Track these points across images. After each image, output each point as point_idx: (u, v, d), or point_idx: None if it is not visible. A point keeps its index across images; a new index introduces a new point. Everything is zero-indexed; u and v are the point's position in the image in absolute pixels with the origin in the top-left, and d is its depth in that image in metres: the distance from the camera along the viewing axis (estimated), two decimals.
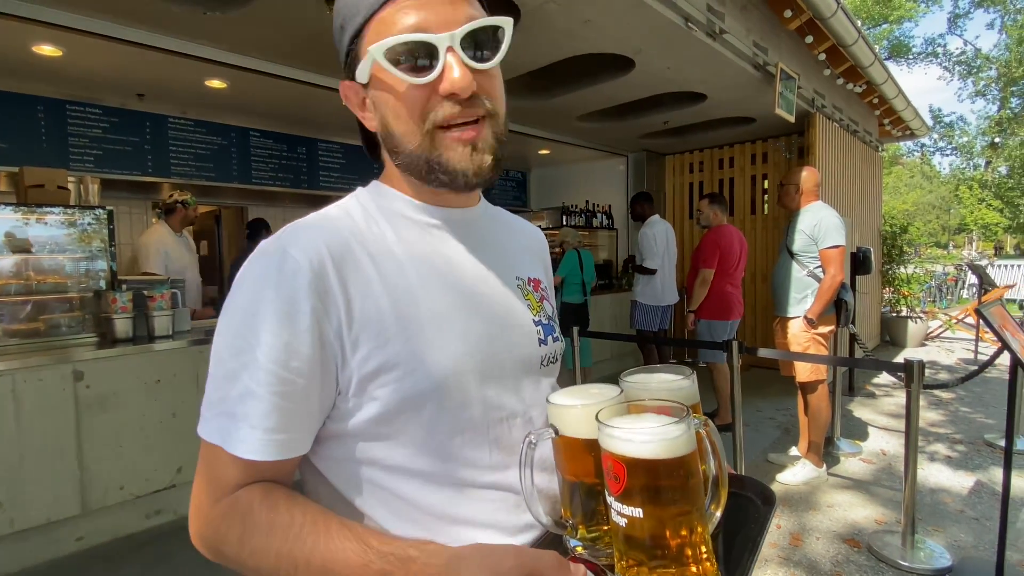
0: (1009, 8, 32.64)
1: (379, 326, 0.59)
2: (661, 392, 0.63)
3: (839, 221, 3.10)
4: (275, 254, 0.57)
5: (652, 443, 0.50)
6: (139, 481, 2.67)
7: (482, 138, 0.61)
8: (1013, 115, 32.23)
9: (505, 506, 0.64)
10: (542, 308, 0.74)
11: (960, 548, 2.44)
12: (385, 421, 0.60)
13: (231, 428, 0.55)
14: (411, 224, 0.67)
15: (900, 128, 7.34)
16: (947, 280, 10.96)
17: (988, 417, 4.25)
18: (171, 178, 4.47)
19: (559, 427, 0.59)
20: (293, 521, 0.54)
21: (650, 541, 0.51)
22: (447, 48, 0.57)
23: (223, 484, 0.57)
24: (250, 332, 0.55)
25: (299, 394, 0.56)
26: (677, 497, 0.51)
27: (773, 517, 0.65)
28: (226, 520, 0.56)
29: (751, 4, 3.57)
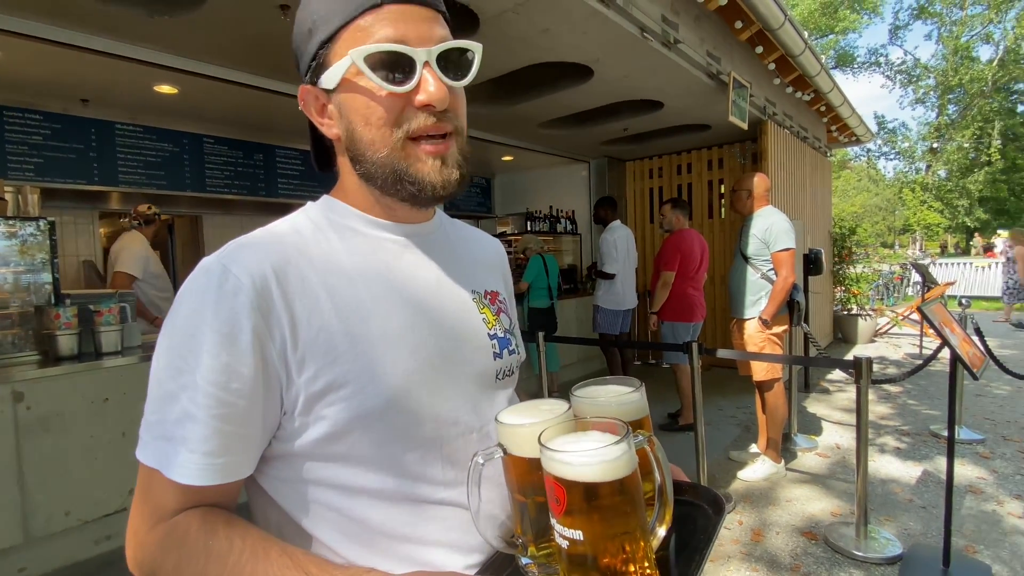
0: (945, 20, 34.58)
1: (327, 344, 0.58)
2: (610, 406, 0.62)
3: (789, 225, 3.21)
4: (215, 272, 0.56)
5: (591, 465, 0.49)
6: (87, 506, 2.54)
7: (450, 153, 0.62)
8: (950, 121, 34.11)
9: (459, 524, 0.63)
10: (498, 321, 0.74)
11: (910, 536, 2.55)
12: (334, 440, 0.59)
13: (169, 452, 0.53)
14: (363, 239, 0.66)
15: (847, 134, 7.68)
16: (893, 279, 11.50)
17: (932, 409, 4.48)
18: (119, 187, 4.30)
19: (507, 446, 0.59)
20: (232, 548, 0.53)
21: (592, 561, 0.50)
22: (424, 62, 0.58)
23: (160, 509, 0.55)
24: (189, 352, 0.54)
25: (240, 416, 0.55)
26: (618, 517, 0.50)
27: (721, 526, 0.65)
28: (162, 546, 0.54)
29: (704, 15, 3.68)
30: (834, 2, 33.60)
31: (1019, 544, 2.45)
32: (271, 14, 2.66)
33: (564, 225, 6.76)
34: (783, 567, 2.37)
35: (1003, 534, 2.54)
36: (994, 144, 32.99)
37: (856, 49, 47.24)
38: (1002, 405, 4.51)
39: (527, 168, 7.18)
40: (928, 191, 33.27)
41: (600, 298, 4.54)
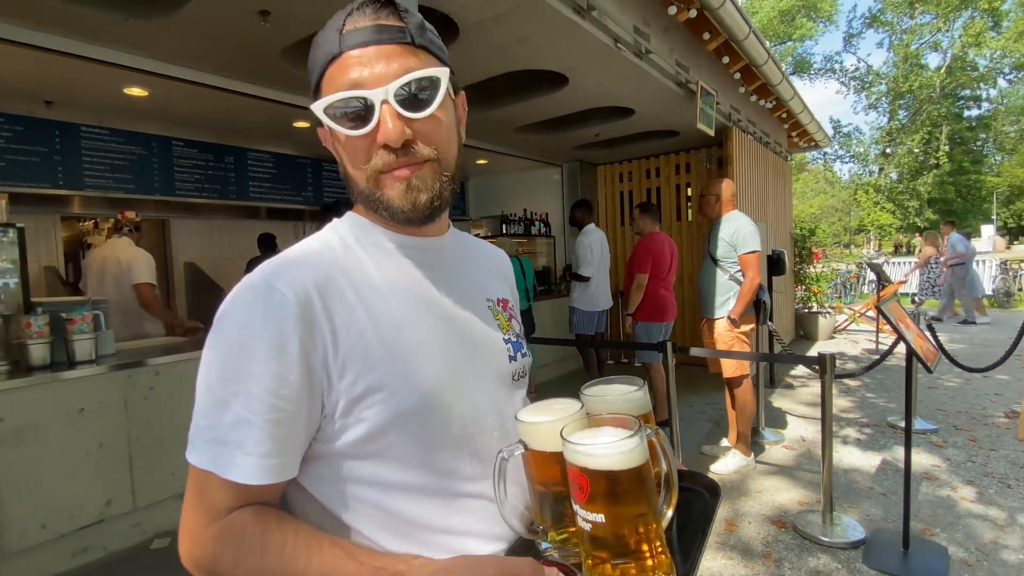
0: (895, 29, 36.11)
1: (365, 352, 0.62)
2: (617, 404, 0.69)
3: (754, 228, 3.36)
4: (262, 288, 0.60)
5: (611, 456, 0.56)
6: (63, 518, 2.49)
7: (417, 176, 0.65)
8: (900, 126, 35.64)
9: (486, 515, 0.68)
10: (511, 326, 0.80)
11: (872, 521, 2.71)
12: (372, 440, 0.63)
13: (223, 454, 0.57)
14: (388, 253, 0.71)
15: (806, 140, 8.00)
16: (850, 277, 12.00)
17: (890, 401, 4.72)
18: (85, 191, 4.19)
19: (528, 442, 0.64)
20: (286, 541, 0.57)
21: (612, 541, 0.57)
22: (382, 102, 0.61)
23: (215, 507, 0.59)
24: (240, 363, 0.58)
25: (289, 420, 0.59)
26: (634, 501, 0.57)
27: (719, 508, 0.73)
28: (220, 542, 0.58)
29: (673, 26, 3.82)
30: (791, 10, 34.76)
31: (972, 526, 2.63)
32: (251, 20, 2.66)
33: (538, 228, 6.85)
34: (756, 554, 2.49)
35: (957, 517, 2.72)
36: (942, 148, 34.64)
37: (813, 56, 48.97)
38: (953, 397, 4.78)
39: (501, 171, 7.26)
40: (881, 193, 34.71)
41: (576, 300, 4.63)
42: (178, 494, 2.88)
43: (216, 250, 5.52)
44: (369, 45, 0.62)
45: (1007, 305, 10.54)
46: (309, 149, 5.78)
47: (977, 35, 32.33)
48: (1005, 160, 37.45)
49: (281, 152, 5.57)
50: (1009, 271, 11.11)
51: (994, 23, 33.85)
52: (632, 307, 4.06)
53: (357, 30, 0.62)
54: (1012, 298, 10.62)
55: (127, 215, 3.79)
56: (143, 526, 2.78)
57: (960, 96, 35.95)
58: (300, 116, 4.42)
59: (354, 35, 0.62)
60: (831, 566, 2.36)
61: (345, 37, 0.62)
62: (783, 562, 2.41)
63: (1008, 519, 2.67)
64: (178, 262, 5.27)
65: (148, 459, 2.77)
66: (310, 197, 5.93)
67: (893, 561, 2.35)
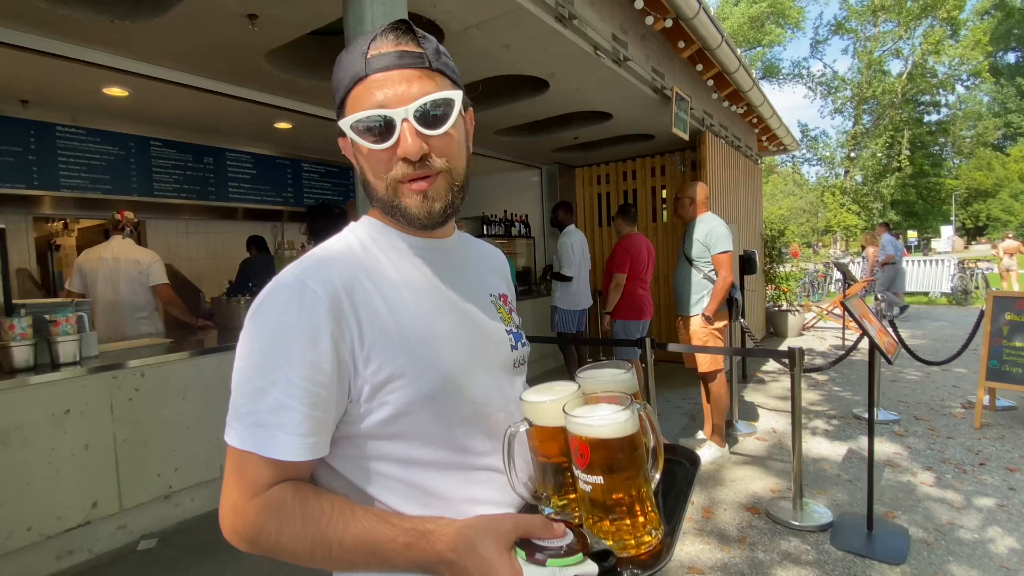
0: (859, 36, 37.30)
1: (386, 343, 0.69)
2: (609, 384, 0.77)
3: (727, 229, 3.51)
4: (295, 287, 0.66)
5: (607, 426, 0.64)
6: (49, 520, 2.48)
7: (433, 188, 0.72)
8: (865, 130, 36.82)
9: (497, 485, 0.76)
10: (511, 319, 0.88)
11: (839, 506, 2.86)
12: (395, 421, 0.70)
13: (264, 436, 0.63)
14: (403, 254, 0.78)
15: (775, 144, 8.28)
16: (818, 276, 12.40)
17: (856, 394, 4.94)
18: (61, 191, 4.13)
19: (532, 419, 0.72)
20: (323, 510, 0.63)
21: (609, 501, 0.64)
22: (403, 120, 0.68)
23: (256, 484, 0.64)
24: (278, 354, 0.64)
25: (323, 404, 0.65)
26: (627, 466, 0.65)
27: (698, 476, 0.81)
28: (262, 514, 0.64)
29: (650, 34, 3.95)
30: (761, 16, 35.62)
31: (931, 508, 2.80)
32: (239, 22, 2.69)
33: (518, 229, 6.94)
34: (731, 539, 2.62)
35: (917, 501, 2.89)
36: (903, 152, 35.90)
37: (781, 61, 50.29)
38: (914, 389, 5.02)
39: (482, 173, 7.33)
40: (846, 195, 35.80)
41: (558, 299, 4.74)
42: (164, 496, 2.89)
43: (193, 251, 5.47)
44: (392, 69, 0.69)
45: (964, 302, 11.03)
46: (290, 149, 5.77)
47: (936, 43, 33.64)
48: (963, 164, 39.02)
49: (261, 153, 5.55)
50: (966, 270, 11.63)
51: (952, 32, 35.26)
52: (610, 306, 4.18)
53: (381, 55, 0.69)
54: (969, 296, 11.12)
55: (126, 215, 3.78)
56: (129, 527, 2.78)
57: (920, 102, 37.34)
58: (282, 117, 4.43)
59: (379, 59, 0.69)
60: (801, 548, 2.51)
61: (371, 61, 0.69)
62: (756, 546, 2.55)
63: (964, 501, 2.85)
64: None
65: (134, 460, 2.77)
66: (290, 198, 5.91)
67: (858, 542, 2.50)
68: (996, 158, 37.57)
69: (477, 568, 0.60)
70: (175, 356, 2.98)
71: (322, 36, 3.11)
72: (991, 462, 3.31)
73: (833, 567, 2.35)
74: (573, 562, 0.58)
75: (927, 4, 33.19)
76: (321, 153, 5.98)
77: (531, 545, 0.60)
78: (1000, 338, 3.91)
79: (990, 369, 3.91)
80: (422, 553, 0.62)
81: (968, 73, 36.44)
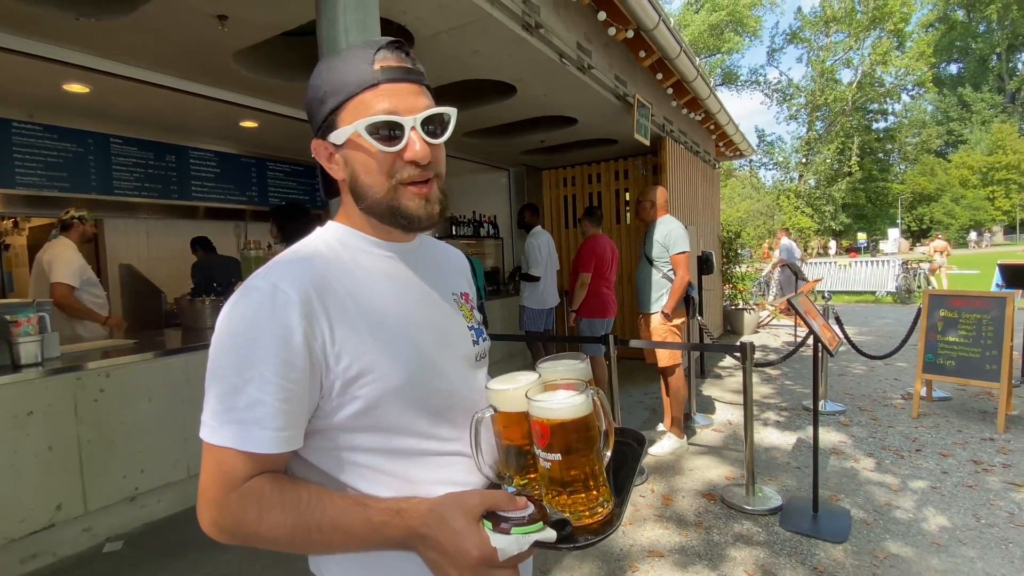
0: (813, 45, 38.80)
1: (356, 340, 0.72)
2: (567, 373, 0.83)
3: (684, 231, 3.69)
4: (267, 289, 0.69)
5: (565, 409, 0.70)
6: (12, 523, 2.45)
7: (432, 193, 0.78)
8: (817, 136, 38.32)
9: (463, 468, 0.81)
10: (473, 316, 0.93)
11: (788, 491, 3.06)
12: (365, 414, 0.74)
13: (242, 432, 0.67)
14: (369, 257, 0.82)
15: (732, 149, 8.60)
16: (769, 278, 12.89)
17: (805, 387, 5.22)
18: (16, 188, 4.00)
19: (497, 406, 0.78)
20: (300, 497, 0.67)
21: (566, 476, 0.71)
22: (411, 127, 0.74)
23: (235, 477, 0.68)
24: (252, 353, 0.67)
25: (297, 399, 0.69)
26: (582, 445, 0.71)
27: (644, 454, 0.89)
28: (242, 504, 0.67)
29: (612, 44, 4.10)
30: (720, 24, 36.65)
31: (871, 492, 3.01)
32: (208, 23, 2.70)
33: (487, 229, 7.03)
34: (689, 524, 2.77)
35: (859, 485, 3.10)
36: (853, 157, 37.53)
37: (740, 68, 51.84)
38: (859, 382, 5.33)
39: (451, 174, 7.23)
40: (800, 198, 37.18)
41: (526, 298, 4.85)
42: (130, 497, 2.87)
43: (153, 251, 5.35)
44: (402, 82, 0.75)
45: (908, 301, 11.66)
46: (255, 148, 5.71)
47: (884, 54, 35.33)
48: (908, 169, 41.06)
49: (226, 151, 5.47)
50: (909, 270, 12.29)
51: (899, 43, 37.09)
52: (576, 304, 4.31)
53: (392, 67, 0.75)
54: (913, 294, 11.75)
55: (61, 215, 3.72)
56: (94, 530, 2.75)
57: (869, 109, 39.16)
58: (248, 116, 4.40)
59: (390, 71, 0.74)
60: (753, 530, 2.68)
61: (381, 71, 0.74)
62: (712, 529, 2.71)
63: (900, 484, 3.08)
64: (112, 263, 5.08)
65: (99, 462, 2.74)
66: (255, 197, 5.84)
67: (805, 523, 2.68)
68: (939, 164, 39.70)
69: (448, 539, 0.65)
70: (140, 357, 2.96)
71: (291, 36, 3.14)
72: (927, 448, 3.57)
73: (782, 547, 2.52)
74: (534, 530, 0.64)
75: (875, 16, 34.86)
76: (287, 152, 5.93)
77: (496, 516, 0.66)
78: (935, 333, 4.20)
79: (926, 363, 4.20)
80: (397, 530, 0.67)
81: (913, 83, 38.45)
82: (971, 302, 4.12)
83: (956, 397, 4.61)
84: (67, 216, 3.70)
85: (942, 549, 2.44)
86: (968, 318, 4.07)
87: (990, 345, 3.93)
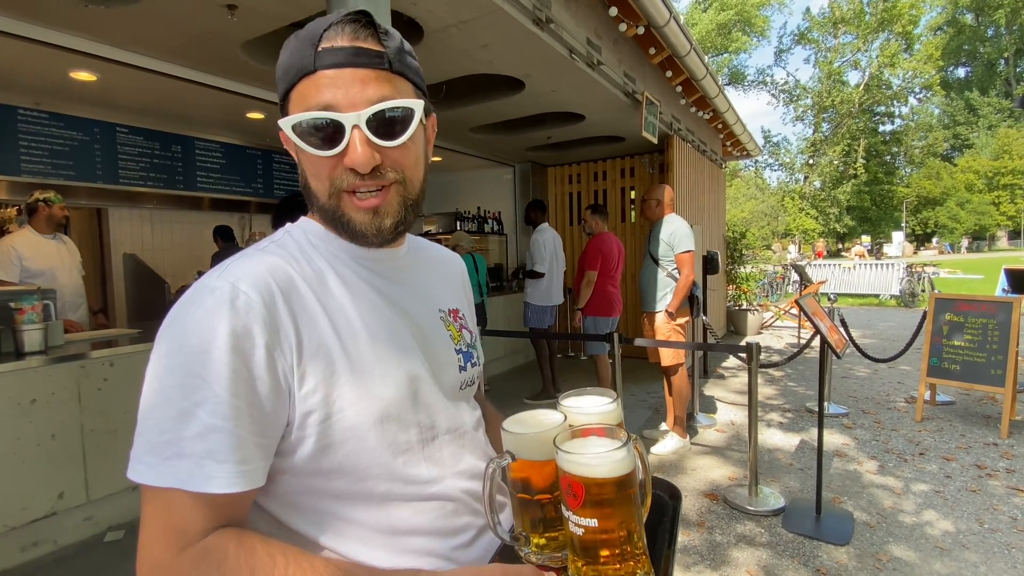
0: (821, 46, 38.63)
1: (326, 360, 0.61)
2: (595, 416, 0.70)
3: (690, 230, 3.68)
4: (225, 290, 0.57)
5: (604, 465, 0.58)
6: (14, 511, 2.44)
7: (385, 203, 0.65)
8: (823, 138, 38.19)
9: (443, 513, 0.69)
10: (461, 337, 0.81)
11: (791, 492, 3.04)
12: (330, 451, 0.61)
13: (191, 468, 0.53)
14: (346, 263, 0.70)
15: (738, 149, 8.57)
16: (776, 278, 12.86)
17: (808, 389, 5.20)
18: (21, 176, 3.99)
19: (515, 452, 0.64)
20: (276, 564, 0.53)
21: (601, 544, 0.58)
22: (353, 126, 0.60)
23: (187, 531, 0.53)
24: (204, 369, 0.54)
25: (259, 427, 0.56)
26: (622, 506, 0.58)
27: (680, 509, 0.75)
28: (198, 570, 0.52)
29: (622, 40, 4.08)
30: (728, 24, 36.51)
31: (875, 494, 3.00)
32: (217, 12, 2.68)
33: (491, 225, 7.02)
34: (691, 524, 2.77)
35: (862, 487, 3.09)
36: (859, 160, 37.40)
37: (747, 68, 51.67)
38: (862, 385, 5.31)
39: (456, 169, 7.38)
40: (805, 199, 37.09)
41: (530, 295, 4.84)
42: (132, 487, 2.86)
43: (157, 241, 5.35)
44: (345, 67, 0.60)
45: (912, 304, 11.62)
46: (260, 140, 5.70)
47: (892, 56, 35.18)
48: (914, 172, 40.94)
49: (231, 142, 5.47)
50: (914, 274, 12.24)
51: (907, 46, 36.92)
52: (582, 302, 4.30)
53: (334, 49, 0.61)
54: (916, 298, 11.71)
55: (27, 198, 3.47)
56: (96, 519, 2.75)
57: (876, 112, 39.01)
58: (254, 107, 4.39)
59: (331, 54, 0.61)
60: (755, 531, 2.67)
61: (321, 55, 0.61)
62: (715, 529, 2.70)
63: (903, 488, 3.07)
64: (117, 253, 5.08)
65: (102, 451, 2.74)
66: (260, 189, 5.84)
67: (807, 525, 2.67)
68: (944, 168, 39.60)
69: None
70: (144, 346, 2.95)
71: (300, 27, 3.12)
72: (930, 452, 3.55)
73: (784, 548, 2.51)
74: None
75: (884, 18, 34.70)
76: None
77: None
78: (941, 337, 4.18)
79: (931, 366, 4.19)
80: None
81: (920, 86, 38.28)
82: (977, 306, 4.09)
83: (960, 401, 4.59)
84: (31, 199, 3.46)
85: (945, 553, 2.43)
86: (974, 322, 4.05)
87: (995, 350, 3.91)
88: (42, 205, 3.46)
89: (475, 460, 0.75)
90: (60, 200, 3.53)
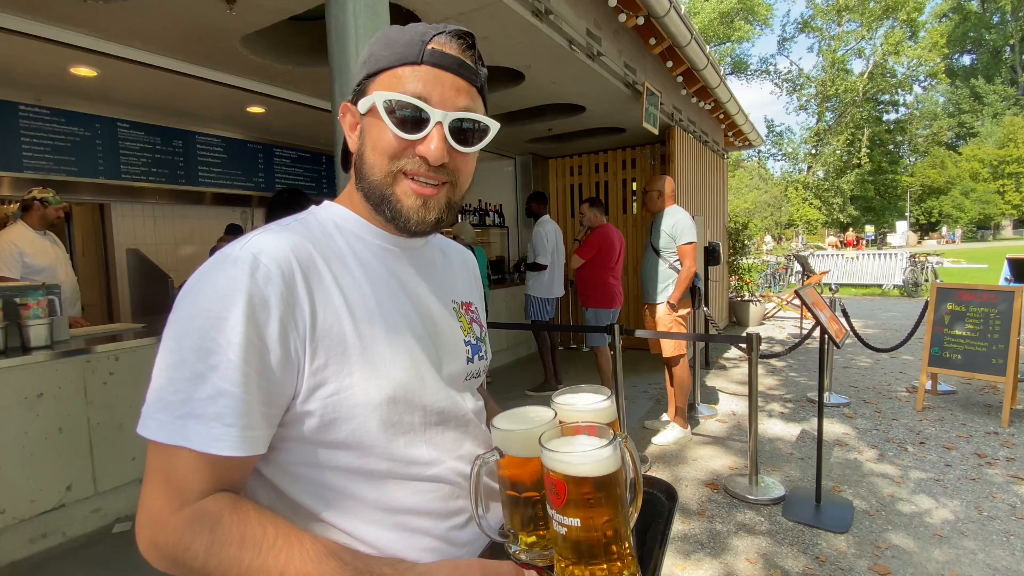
0: (824, 35, 38.30)
1: (339, 338, 0.63)
2: (588, 413, 0.70)
3: (691, 221, 3.67)
4: (246, 260, 0.60)
5: (588, 464, 0.57)
6: (22, 504, 2.48)
7: (435, 198, 0.69)
8: (827, 127, 37.93)
9: (440, 495, 0.71)
10: (471, 329, 0.83)
11: (791, 481, 3.07)
12: (336, 426, 0.64)
13: (199, 428, 0.55)
14: (366, 245, 0.73)
15: (741, 139, 8.53)
16: (779, 268, 12.84)
17: (810, 379, 5.21)
18: (24, 172, 4.00)
19: (503, 448, 0.65)
20: (266, 534, 0.55)
21: (585, 544, 0.58)
22: (437, 122, 0.66)
23: (186, 490, 0.56)
24: (220, 335, 0.56)
25: (266, 395, 0.59)
26: (607, 506, 0.58)
27: (676, 511, 0.74)
28: (191, 529, 0.55)
29: (622, 31, 4.06)
30: (731, 12, 36.19)
31: (874, 483, 3.02)
32: (216, 6, 2.68)
33: (493, 218, 7.02)
34: (692, 513, 2.79)
35: (862, 476, 3.11)
36: (863, 149, 37.17)
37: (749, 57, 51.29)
38: (864, 375, 5.32)
39: None
40: (808, 189, 36.90)
41: (532, 287, 4.85)
42: (139, 479, 2.90)
43: (160, 236, 5.37)
44: (448, 71, 0.67)
45: (915, 294, 11.60)
46: (262, 134, 5.70)
47: (896, 44, 34.87)
48: (918, 161, 40.68)
49: (232, 137, 5.46)
50: (917, 263, 12.20)
51: (912, 33, 36.58)
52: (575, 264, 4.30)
53: (444, 53, 0.67)
54: (920, 288, 11.68)
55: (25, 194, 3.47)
56: (104, 511, 2.79)
57: (880, 100, 38.72)
58: (255, 101, 4.39)
59: (439, 56, 0.66)
60: (755, 520, 2.69)
61: (430, 53, 0.66)
62: (715, 518, 2.72)
63: (903, 476, 3.08)
64: (120, 249, 5.10)
65: (109, 444, 2.77)
66: (261, 183, 5.84)
67: (807, 513, 2.69)
68: (949, 157, 39.31)
69: None
70: (148, 341, 2.98)
71: (299, 21, 3.12)
72: (930, 441, 3.57)
73: (784, 536, 2.53)
74: None
75: (888, 5, 34.35)
76: (294, 138, 5.92)
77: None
78: (942, 327, 4.19)
79: (932, 356, 4.19)
80: None
81: (925, 74, 37.96)
82: (979, 296, 4.09)
83: (961, 391, 4.60)
84: (28, 196, 3.47)
85: (944, 541, 2.45)
86: (976, 312, 4.05)
87: (997, 339, 3.91)
88: (38, 204, 3.46)
89: (475, 447, 0.77)
90: (58, 201, 3.53)
